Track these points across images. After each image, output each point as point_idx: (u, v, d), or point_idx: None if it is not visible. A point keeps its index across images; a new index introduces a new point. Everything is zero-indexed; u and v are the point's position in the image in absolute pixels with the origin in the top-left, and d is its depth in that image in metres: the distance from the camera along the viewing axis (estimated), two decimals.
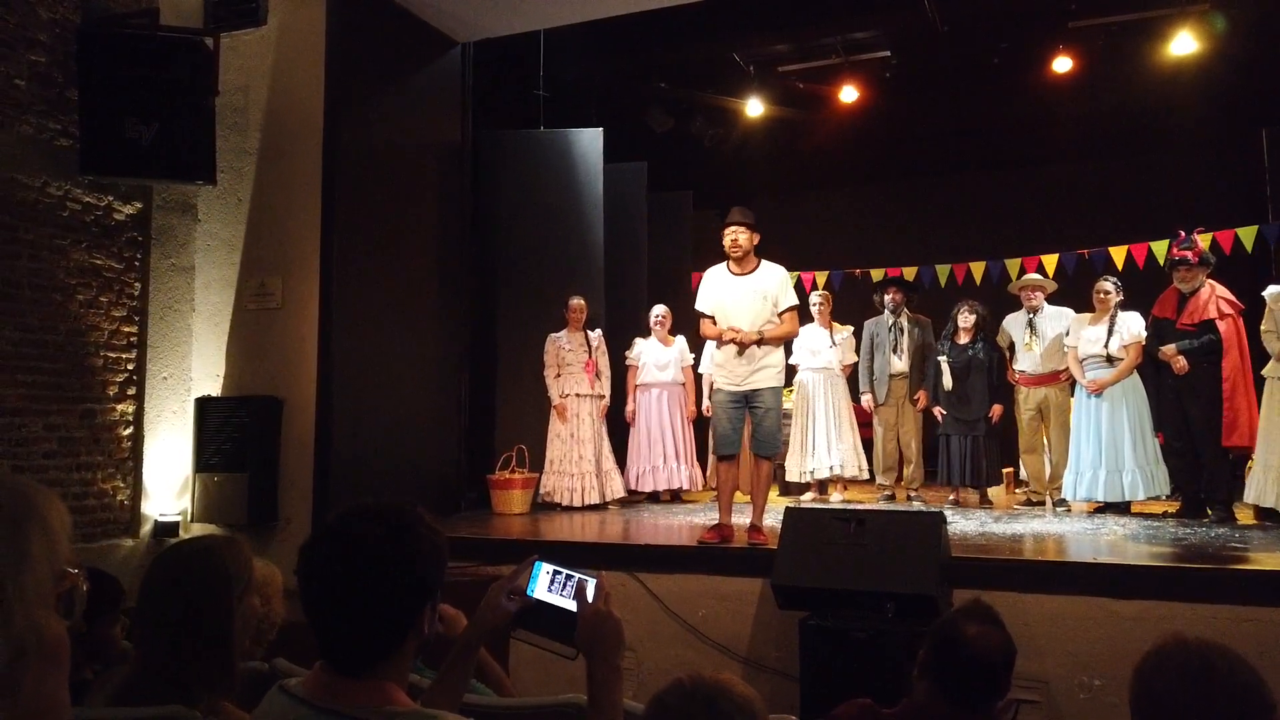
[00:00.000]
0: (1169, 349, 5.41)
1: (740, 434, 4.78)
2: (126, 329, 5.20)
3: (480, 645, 1.63)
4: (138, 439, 5.25)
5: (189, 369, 5.51)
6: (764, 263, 4.81)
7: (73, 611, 0.84)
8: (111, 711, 1.62)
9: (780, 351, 4.78)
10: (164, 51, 4.82)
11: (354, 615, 1.26)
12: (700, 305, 4.87)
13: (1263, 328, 5.14)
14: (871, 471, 6.88)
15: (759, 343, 4.62)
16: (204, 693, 1.57)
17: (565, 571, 1.61)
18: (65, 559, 0.84)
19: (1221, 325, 5.32)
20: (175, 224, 5.49)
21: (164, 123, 4.76)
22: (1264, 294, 5.23)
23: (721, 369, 4.81)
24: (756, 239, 4.78)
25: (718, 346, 4.87)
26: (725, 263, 4.83)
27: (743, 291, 4.73)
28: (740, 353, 4.65)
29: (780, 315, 4.70)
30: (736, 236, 4.74)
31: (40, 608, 0.80)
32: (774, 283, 4.73)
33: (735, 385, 4.70)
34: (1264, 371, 5.07)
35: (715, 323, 4.79)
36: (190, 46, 4.90)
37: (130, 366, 5.22)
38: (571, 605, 1.57)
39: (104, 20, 4.87)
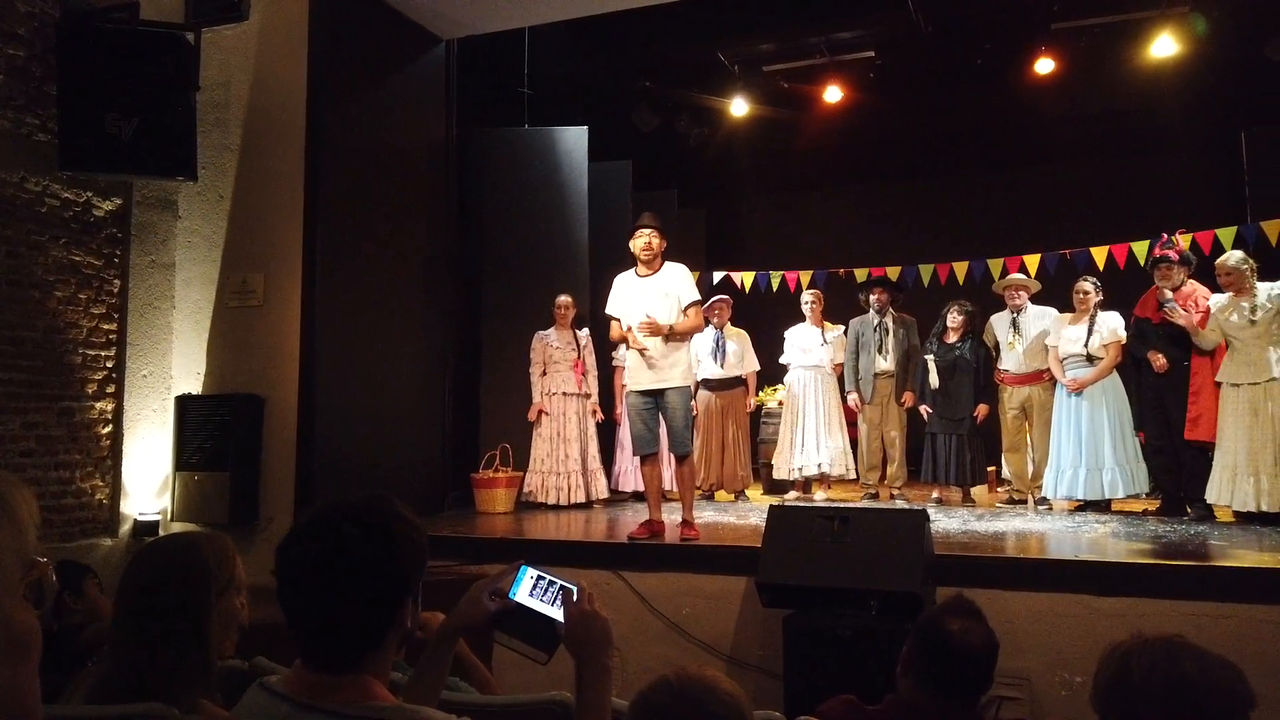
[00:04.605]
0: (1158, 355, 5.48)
1: (656, 433, 4.91)
2: (106, 326, 5.15)
3: (456, 639, 1.64)
4: (117, 437, 5.20)
5: (169, 367, 5.46)
6: (668, 263, 4.96)
7: (42, 601, 0.83)
8: (88, 709, 1.60)
9: (685, 351, 4.91)
10: (144, 46, 4.78)
11: (335, 613, 1.25)
12: (609, 309, 5.01)
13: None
14: (856, 470, 6.91)
15: (669, 335, 4.75)
16: (181, 690, 1.55)
17: (549, 578, 1.63)
18: (33, 548, 0.83)
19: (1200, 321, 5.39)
20: (155, 220, 5.44)
21: (144, 118, 4.71)
22: (1209, 302, 5.32)
23: (631, 372, 4.94)
24: (664, 243, 4.93)
25: (626, 349, 5.00)
26: (635, 267, 4.97)
27: (649, 292, 4.87)
28: (646, 357, 4.79)
29: (685, 311, 4.84)
30: (650, 240, 4.88)
31: (9, 598, 0.79)
32: (677, 281, 4.89)
33: (644, 386, 4.84)
34: (1218, 377, 5.15)
35: (621, 325, 4.93)
36: (171, 41, 4.86)
37: (109, 364, 5.17)
38: (550, 612, 1.60)
39: (83, 14, 4.81)
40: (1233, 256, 5.23)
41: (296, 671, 1.28)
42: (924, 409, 6.54)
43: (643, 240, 4.88)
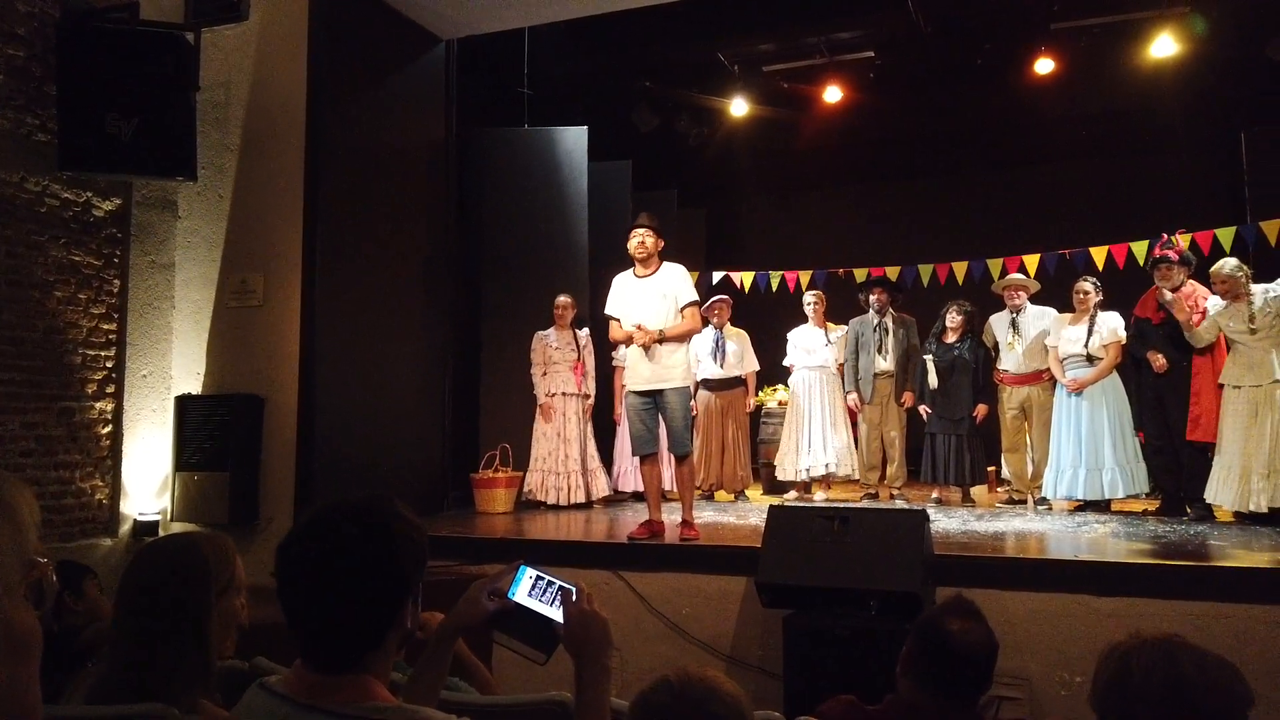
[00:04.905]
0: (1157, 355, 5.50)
1: (655, 433, 4.90)
2: (105, 326, 5.14)
3: (455, 639, 1.64)
4: (117, 437, 5.20)
5: (169, 367, 5.46)
6: (665, 264, 4.95)
7: (43, 601, 0.83)
8: (88, 709, 1.60)
9: (684, 352, 4.89)
10: (144, 46, 4.77)
11: (335, 614, 1.25)
12: (608, 309, 5.00)
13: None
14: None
15: (660, 340, 4.74)
16: (181, 690, 1.55)
17: (548, 578, 1.64)
18: (34, 548, 0.83)
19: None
20: (155, 220, 5.43)
21: (144, 118, 4.71)
22: (1206, 303, 5.32)
23: (630, 371, 4.92)
24: (661, 243, 4.91)
25: (625, 347, 4.96)
26: (632, 267, 4.96)
27: (646, 293, 4.87)
28: (647, 355, 4.77)
29: (682, 311, 4.82)
30: (644, 239, 4.87)
31: (10, 598, 0.79)
32: (674, 282, 4.87)
33: (643, 386, 4.82)
34: (1221, 379, 5.16)
35: (621, 326, 4.91)
36: (171, 41, 4.85)
37: (109, 364, 5.17)
38: (549, 612, 1.60)
39: (83, 14, 4.81)
40: (1227, 264, 5.23)
41: (296, 671, 1.28)
42: (923, 409, 6.55)
43: (636, 240, 4.88)
